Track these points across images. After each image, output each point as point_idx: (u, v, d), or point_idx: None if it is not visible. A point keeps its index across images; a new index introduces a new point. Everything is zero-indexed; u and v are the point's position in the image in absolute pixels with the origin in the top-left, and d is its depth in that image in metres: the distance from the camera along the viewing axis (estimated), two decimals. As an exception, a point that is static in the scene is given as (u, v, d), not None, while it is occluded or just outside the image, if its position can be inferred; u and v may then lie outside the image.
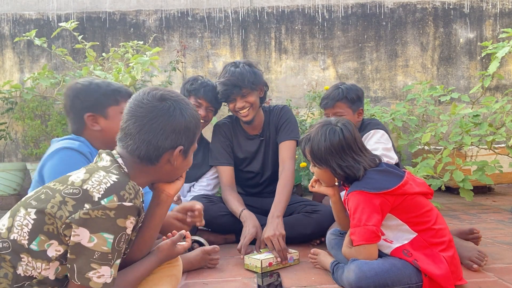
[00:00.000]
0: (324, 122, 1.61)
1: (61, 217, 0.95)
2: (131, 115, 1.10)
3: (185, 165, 1.19)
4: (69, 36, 4.39)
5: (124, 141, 1.11)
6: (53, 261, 0.98)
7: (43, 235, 0.96)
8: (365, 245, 1.44)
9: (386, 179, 1.49)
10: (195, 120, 1.15)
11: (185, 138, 1.12)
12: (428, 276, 1.41)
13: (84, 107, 1.57)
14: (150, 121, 1.08)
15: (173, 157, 1.11)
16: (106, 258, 0.96)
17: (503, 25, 4.57)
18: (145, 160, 1.10)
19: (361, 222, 1.43)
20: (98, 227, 0.95)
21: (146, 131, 1.08)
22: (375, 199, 1.45)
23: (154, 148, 1.08)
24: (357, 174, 1.51)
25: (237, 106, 2.21)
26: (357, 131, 1.60)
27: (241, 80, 2.15)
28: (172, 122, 1.09)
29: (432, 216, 1.50)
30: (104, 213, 0.95)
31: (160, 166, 1.12)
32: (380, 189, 1.45)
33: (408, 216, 1.48)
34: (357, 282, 1.40)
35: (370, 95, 4.57)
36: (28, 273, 0.97)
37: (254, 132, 2.40)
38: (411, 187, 1.49)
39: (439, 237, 1.47)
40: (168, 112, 1.09)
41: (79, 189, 0.97)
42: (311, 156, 1.61)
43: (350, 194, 1.51)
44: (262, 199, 2.42)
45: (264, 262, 1.80)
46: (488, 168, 2.74)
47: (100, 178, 0.99)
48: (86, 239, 0.94)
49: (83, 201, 0.95)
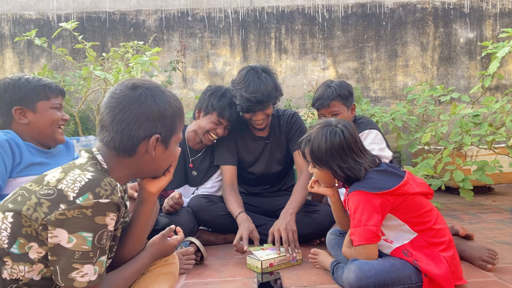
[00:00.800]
0: (324, 123, 1.60)
1: (37, 219, 0.93)
2: (105, 107, 1.07)
3: (168, 156, 1.14)
4: (69, 36, 4.39)
5: (101, 134, 1.08)
6: (36, 263, 0.96)
7: (22, 238, 0.94)
8: (365, 245, 1.44)
9: (386, 179, 1.49)
10: (171, 108, 1.10)
11: (160, 126, 1.08)
12: (428, 276, 1.41)
13: (12, 101, 1.60)
14: (122, 110, 1.05)
15: (149, 146, 1.07)
16: (88, 257, 0.94)
17: (503, 25, 4.57)
18: (122, 152, 1.07)
19: (361, 222, 1.43)
20: (75, 226, 0.92)
21: (118, 120, 1.05)
22: (375, 199, 1.45)
23: (128, 137, 1.05)
24: (358, 175, 1.50)
25: (256, 118, 2.20)
26: (357, 132, 1.59)
27: (266, 97, 2.12)
28: (144, 109, 1.06)
29: (432, 216, 1.50)
30: (80, 212, 0.92)
31: (139, 157, 1.09)
32: (380, 189, 1.45)
33: (408, 216, 1.48)
34: (357, 282, 1.40)
35: (370, 95, 4.57)
36: (14, 276, 0.96)
37: (261, 134, 2.40)
38: (411, 187, 1.49)
39: (439, 237, 1.47)
40: (139, 99, 1.06)
41: (53, 190, 0.94)
42: (311, 157, 1.60)
43: (350, 194, 1.51)
44: (262, 198, 2.43)
45: (264, 263, 1.80)
46: (488, 168, 2.74)
47: (75, 176, 0.96)
48: (65, 239, 0.92)
49: (58, 201, 0.93)
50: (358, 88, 4.49)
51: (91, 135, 3.33)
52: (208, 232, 2.32)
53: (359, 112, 3.77)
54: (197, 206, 2.22)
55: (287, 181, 2.55)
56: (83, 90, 3.35)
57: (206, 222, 2.28)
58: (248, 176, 2.45)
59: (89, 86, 3.28)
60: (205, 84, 4.53)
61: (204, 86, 4.53)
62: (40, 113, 1.63)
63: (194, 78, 4.55)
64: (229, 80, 4.54)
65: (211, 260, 1.98)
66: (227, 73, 4.55)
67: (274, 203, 2.40)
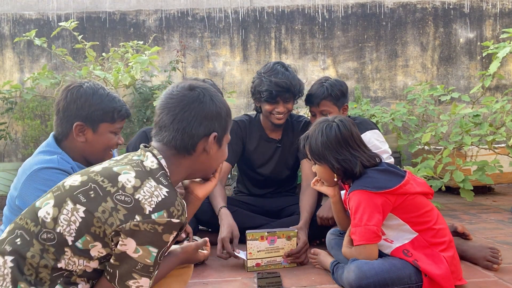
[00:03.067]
0: (322, 120, 1.63)
1: (112, 225, 0.96)
2: (163, 108, 1.11)
3: (220, 156, 1.19)
4: (69, 36, 4.39)
5: (159, 134, 1.12)
6: (94, 260, 1.00)
7: (89, 235, 0.97)
8: (365, 245, 1.44)
9: (387, 179, 1.49)
10: (225, 108, 1.16)
11: (218, 125, 1.13)
12: (428, 276, 1.41)
13: (77, 115, 1.49)
14: (182, 110, 1.09)
15: (208, 144, 1.12)
16: (148, 270, 0.99)
17: (503, 25, 4.57)
18: (182, 150, 1.10)
19: (362, 222, 1.43)
20: (145, 240, 0.97)
21: (179, 120, 1.09)
22: (376, 199, 1.44)
23: (189, 136, 1.09)
24: (354, 169, 1.51)
25: (278, 110, 2.17)
26: (354, 127, 1.61)
27: (294, 85, 2.13)
28: (203, 108, 1.10)
29: (432, 216, 1.50)
30: (153, 227, 0.96)
31: (197, 156, 1.13)
32: (382, 189, 1.45)
33: (408, 216, 1.48)
34: (357, 282, 1.40)
35: (370, 95, 4.57)
36: (69, 267, 0.98)
37: (273, 136, 2.37)
38: (412, 187, 1.49)
39: (439, 237, 1.47)
40: (199, 99, 1.11)
41: (131, 198, 0.97)
42: (310, 153, 1.62)
43: (351, 193, 1.51)
44: (264, 199, 2.42)
45: (250, 262, 1.80)
46: (488, 168, 2.74)
47: (152, 189, 0.99)
48: (132, 249, 0.97)
49: (134, 212, 0.96)
50: (358, 88, 4.49)
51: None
52: (208, 232, 2.32)
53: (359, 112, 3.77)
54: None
55: (288, 185, 2.53)
56: (83, 90, 3.35)
57: (206, 223, 2.28)
58: (256, 177, 2.43)
59: (89, 86, 3.27)
60: (205, 84, 4.52)
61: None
62: (100, 134, 1.52)
63: (194, 78, 4.56)
64: (229, 80, 4.55)
65: (211, 260, 1.98)
66: (227, 73, 4.55)
67: (275, 204, 2.40)
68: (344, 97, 2.22)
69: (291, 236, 1.87)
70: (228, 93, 3.97)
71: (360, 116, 3.72)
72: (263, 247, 1.83)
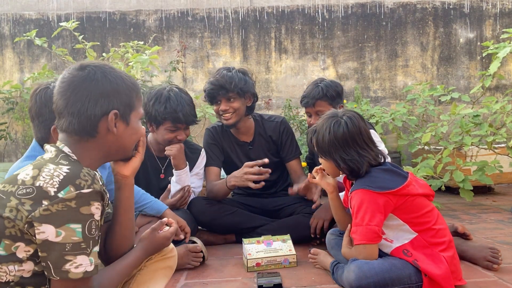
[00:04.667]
0: (331, 114, 1.60)
1: (22, 218, 0.92)
2: (57, 94, 1.06)
3: (132, 133, 1.12)
4: (69, 36, 4.39)
5: (58, 122, 1.06)
6: (25, 261, 0.95)
7: (6, 239, 0.93)
8: (366, 244, 1.44)
9: (390, 179, 1.48)
10: (125, 83, 1.08)
11: (117, 102, 1.06)
12: (428, 276, 1.41)
13: (52, 118, 1.36)
14: (74, 91, 1.03)
15: (109, 123, 1.05)
16: (80, 247, 0.93)
17: (503, 25, 4.57)
18: (83, 134, 1.05)
19: (363, 222, 1.43)
20: (61, 220, 0.92)
21: (72, 102, 1.03)
22: (379, 199, 1.44)
23: (86, 118, 1.03)
24: (361, 169, 1.50)
25: (220, 108, 2.24)
26: (363, 122, 1.58)
27: (229, 83, 2.18)
28: (96, 86, 1.04)
29: (432, 217, 1.50)
30: (64, 205, 0.92)
31: (102, 138, 1.07)
32: (384, 189, 1.45)
33: (409, 216, 1.48)
34: (357, 282, 1.40)
35: (370, 95, 4.57)
36: (3, 279, 0.94)
37: (244, 139, 2.41)
38: (414, 188, 1.48)
39: (439, 237, 1.47)
40: (89, 77, 1.04)
41: (32, 188, 0.93)
42: (317, 148, 1.61)
43: (354, 192, 1.50)
44: (262, 199, 2.42)
45: (250, 262, 1.80)
46: (488, 168, 2.73)
47: (51, 172, 0.95)
48: (53, 234, 0.91)
49: (39, 198, 0.92)
50: (358, 88, 4.49)
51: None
52: (208, 232, 2.32)
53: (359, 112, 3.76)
54: (196, 208, 2.21)
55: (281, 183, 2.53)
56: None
57: (206, 223, 2.28)
58: None
59: (89, 86, 3.27)
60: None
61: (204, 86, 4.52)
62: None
63: (194, 78, 4.55)
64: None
65: (211, 260, 1.98)
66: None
67: (273, 204, 2.40)
68: (340, 97, 2.23)
69: (285, 239, 1.91)
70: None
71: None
72: (261, 248, 1.84)
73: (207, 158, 2.35)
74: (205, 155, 2.37)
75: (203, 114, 3.74)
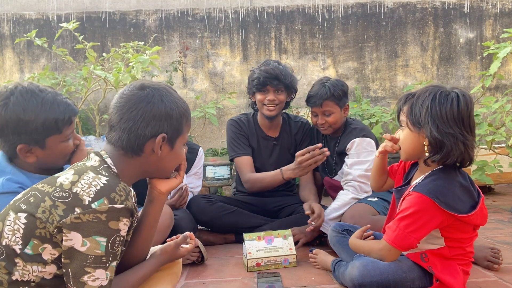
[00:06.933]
0: (438, 85, 1.37)
1: (53, 222, 0.94)
2: (113, 107, 1.09)
3: (174, 157, 1.15)
4: (69, 36, 4.39)
5: (109, 134, 1.09)
6: (49, 264, 0.97)
7: (36, 239, 0.95)
8: (393, 247, 1.37)
9: (461, 199, 1.34)
10: (178, 109, 1.11)
11: (167, 126, 1.09)
12: (440, 281, 1.37)
13: (15, 138, 1.27)
14: (130, 109, 1.06)
15: (155, 145, 1.08)
16: (100, 261, 0.96)
17: (503, 25, 4.57)
18: (129, 151, 1.07)
19: (407, 229, 1.33)
20: (90, 230, 0.94)
21: (126, 119, 1.06)
22: (437, 216, 1.32)
23: (135, 136, 1.06)
24: (451, 155, 1.29)
25: (268, 98, 2.23)
26: (473, 108, 1.36)
27: (283, 75, 2.21)
28: (151, 108, 1.07)
29: (471, 241, 1.43)
30: (95, 216, 0.94)
31: (146, 157, 1.09)
32: (451, 210, 1.30)
33: (450, 234, 1.39)
34: (360, 279, 1.38)
35: (370, 95, 4.57)
36: (25, 277, 0.96)
37: (270, 134, 2.42)
38: (476, 217, 1.35)
39: (465, 257, 1.42)
40: (147, 98, 1.07)
41: (68, 193, 0.96)
42: (408, 113, 1.36)
43: (417, 193, 1.34)
44: (263, 198, 2.42)
45: (250, 262, 1.80)
46: (488, 168, 2.74)
47: (90, 180, 0.98)
48: (79, 243, 0.94)
49: (73, 205, 0.94)
50: (358, 88, 4.49)
51: (91, 135, 3.33)
52: (208, 232, 2.32)
53: (360, 112, 3.77)
54: (196, 207, 2.22)
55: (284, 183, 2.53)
56: (83, 90, 3.35)
57: (205, 223, 2.28)
58: None
59: (90, 86, 3.28)
60: (205, 84, 4.53)
61: (204, 86, 4.53)
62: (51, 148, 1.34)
63: (194, 78, 4.55)
64: (229, 80, 4.54)
65: (211, 260, 1.98)
66: (227, 73, 4.55)
67: (274, 203, 2.40)
68: (346, 97, 2.22)
69: (286, 235, 1.90)
70: (228, 94, 3.97)
71: (360, 116, 3.73)
72: (261, 246, 1.84)
73: (235, 148, 2.34)
74: (202, 154, 2.38)
75: (203, 114, 3.74)
